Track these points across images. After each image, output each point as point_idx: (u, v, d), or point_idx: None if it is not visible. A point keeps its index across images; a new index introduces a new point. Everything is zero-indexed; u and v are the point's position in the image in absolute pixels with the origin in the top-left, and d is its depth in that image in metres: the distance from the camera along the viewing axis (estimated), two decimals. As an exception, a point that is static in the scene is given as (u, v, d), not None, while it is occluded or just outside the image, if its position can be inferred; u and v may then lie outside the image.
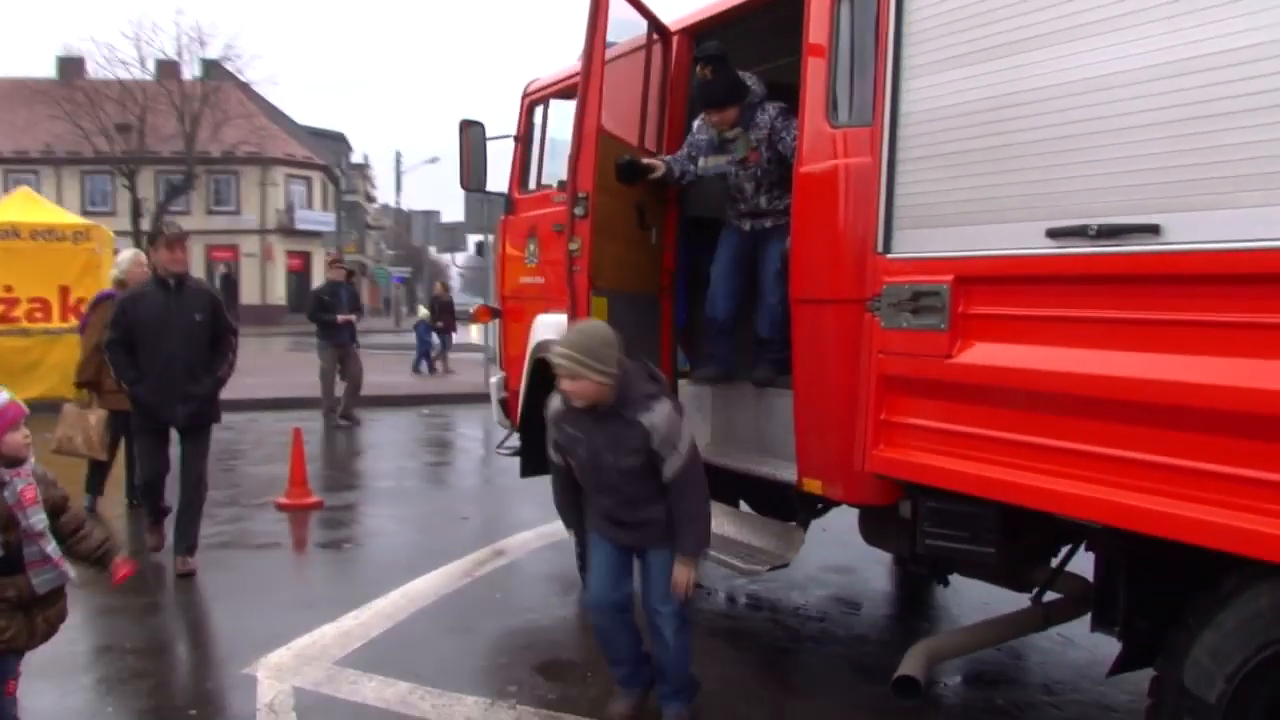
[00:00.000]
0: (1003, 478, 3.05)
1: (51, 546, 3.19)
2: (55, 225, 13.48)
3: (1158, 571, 2.87)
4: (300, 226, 43.66)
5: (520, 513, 7.69)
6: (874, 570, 6.27)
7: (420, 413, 14.88)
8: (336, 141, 53.70)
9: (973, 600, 5.45)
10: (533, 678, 4.45)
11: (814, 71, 4.01)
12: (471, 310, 10.11)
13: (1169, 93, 2.61)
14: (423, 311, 21.56)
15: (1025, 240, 2.97)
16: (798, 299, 4.02)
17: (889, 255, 3.43)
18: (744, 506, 5.30)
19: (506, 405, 6.88)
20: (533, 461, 6.41)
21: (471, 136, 6.53)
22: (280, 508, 7.81)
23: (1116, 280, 2.76)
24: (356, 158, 61.17)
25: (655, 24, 4.88)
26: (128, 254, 7.69)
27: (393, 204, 53.96)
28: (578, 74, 6.06)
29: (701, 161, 4.88)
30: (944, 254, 3.24)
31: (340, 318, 12.71)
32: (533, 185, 6.65)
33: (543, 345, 5.90)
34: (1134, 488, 2.72)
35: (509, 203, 6.75)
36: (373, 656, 4.68)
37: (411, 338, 22.80)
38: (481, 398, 13.44)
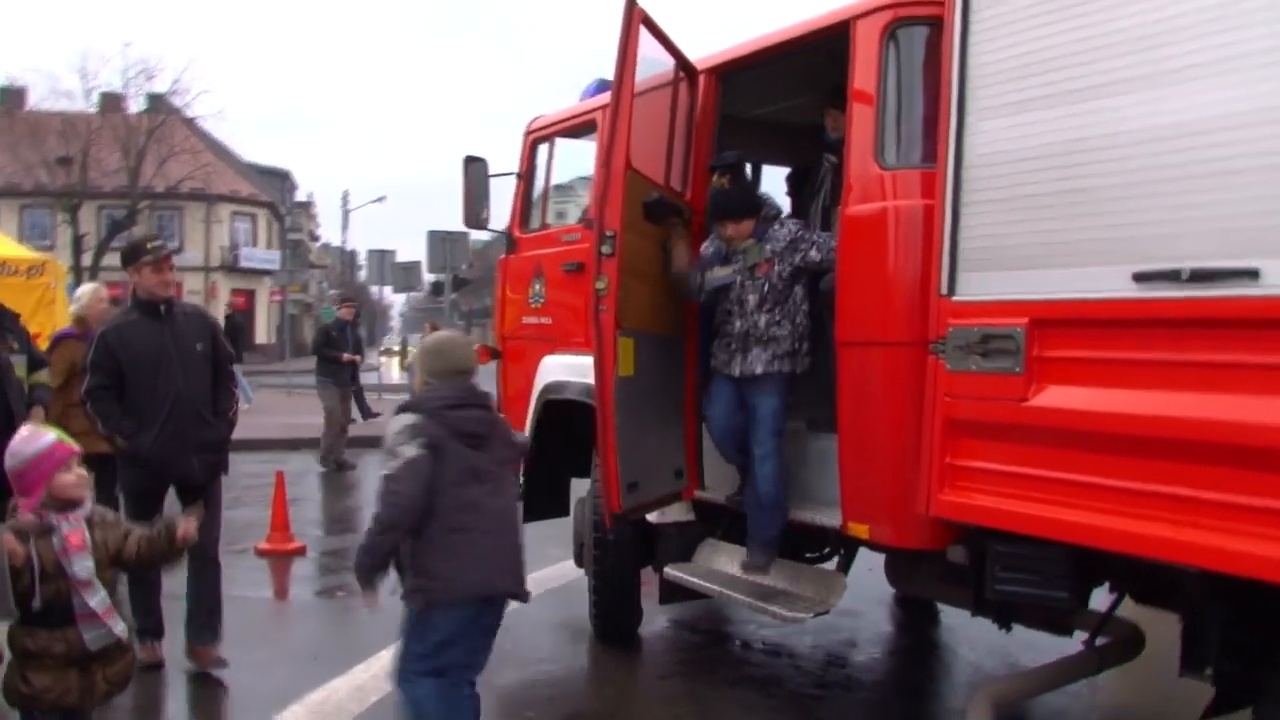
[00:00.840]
0: (1087, 521, 3.02)
1: (97, 599, 2.96)
2: (6, 259, 13.03)
3: (1249, 614, 2.85)
4: (245, 264, 42.93)
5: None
6: (878, 613, 6.22)
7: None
8: (281, 179, 53.08)
9: (976, 640, 5.41)
10: (564, 730, 4.30)
11: (861, 114, 4.00)
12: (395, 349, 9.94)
13: (1266, 139, 2.63)
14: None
15: (1108, 284, 2.97)
16: (844, 341, 3.98)
17: (955, 298, 3.41)
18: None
19: (505, 447, 6.72)
20: (537, 505, 6.30)
21: (474, 173, 6.43)
22: (260, 553, 7.55)
23: (1212, 324, 2.75)
24: (301, 195, 60.59)
25: (682, 62, 4.85)
26: (88, 288, 7.15)
27: (336, 243, 53.45)
28: (584, 112, 6.11)
29: (707, 273, 4.66)
30: (1017, 296, 3.22)
31: (346, 357, 12.46)
32: (536, 224, 6.57)
33: (552, 387, 5.81)
34: (1228, 530, 2.70)
35: (510, 242, 6.64)
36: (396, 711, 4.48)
37: (375, 378, 22.37)
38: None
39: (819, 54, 4.71)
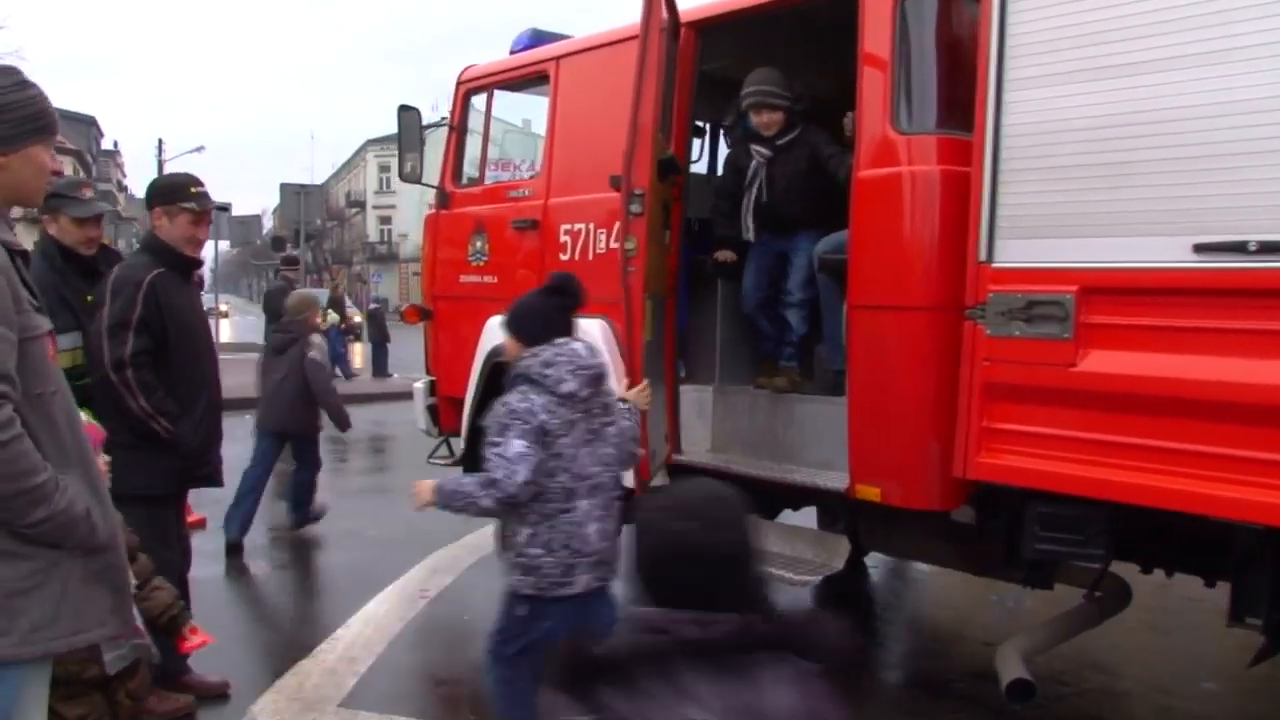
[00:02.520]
0: (1141, 482, 3.15)
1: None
2: None
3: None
4: (46, 213, 39.63)
5: (435, 525, 7.28)
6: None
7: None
8: (87, 125, 49.14)
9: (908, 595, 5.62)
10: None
11: (872, 78, 3.98)
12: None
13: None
14: (332, 316, 18.96)
15: (1165, 254, 3.08)
16: (858, 305, 3.99)
17: (995, 264, 3.46)
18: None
19: (435, 412, 6.49)
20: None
21: (405, 123, 6.11)
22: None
23: (1275, 294, 2.89)
24: (107, 144, 56.32)
25: (675, 16, 4.71)
26: None
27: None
28: (530, 64, 5.88)
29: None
30: (1065, 264, 3.30)
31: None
32: (475, 177, 6.30)
33: (500, 350, 5.61)
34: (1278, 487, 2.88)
35: (442, 196, 6.36)
36: (376, 695, 4.29)
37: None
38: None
39: (807, 15, 4.69)
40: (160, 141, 32.91)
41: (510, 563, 3.23)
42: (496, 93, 6.20)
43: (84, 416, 2.66)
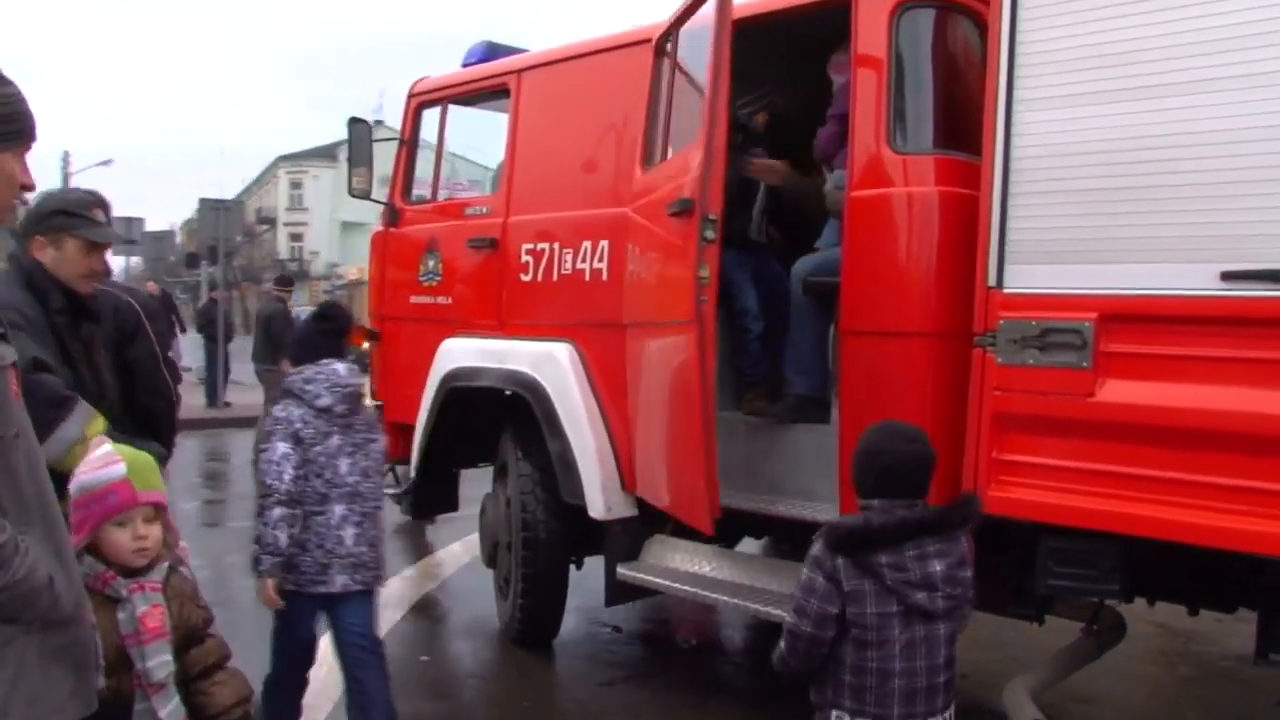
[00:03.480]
0: (1162, 515, 3.05)
1: (169, 709, 2.22)
2: None
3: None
4: (-65, 225, 37.77)
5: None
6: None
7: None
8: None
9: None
10: None
11: (866, 95, 3.85)
12: None
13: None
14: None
15: (1192, 281, 2.99)
16: (851, 330, 3.85)
17: (1006, 290, 3.35)
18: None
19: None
20: (428, 500, 5.84)
21: (355, 136, 5.83)
22: None
23: (1308, 324, 2.82)
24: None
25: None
26: None
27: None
28: (488, 77, 5.65)
29: None
30: (1083, 291, 3.20)
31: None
32: (428, 195, 6.03)
33: (460, 373, 5.35)
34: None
35: (392, 213, 6.07)
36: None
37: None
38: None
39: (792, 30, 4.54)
40: (66, 154, 31.44)
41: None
42: (450, 107, 5.95)
43: (117, 469, 2.29)
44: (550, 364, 4.88)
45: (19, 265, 3.03)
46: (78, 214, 3.06)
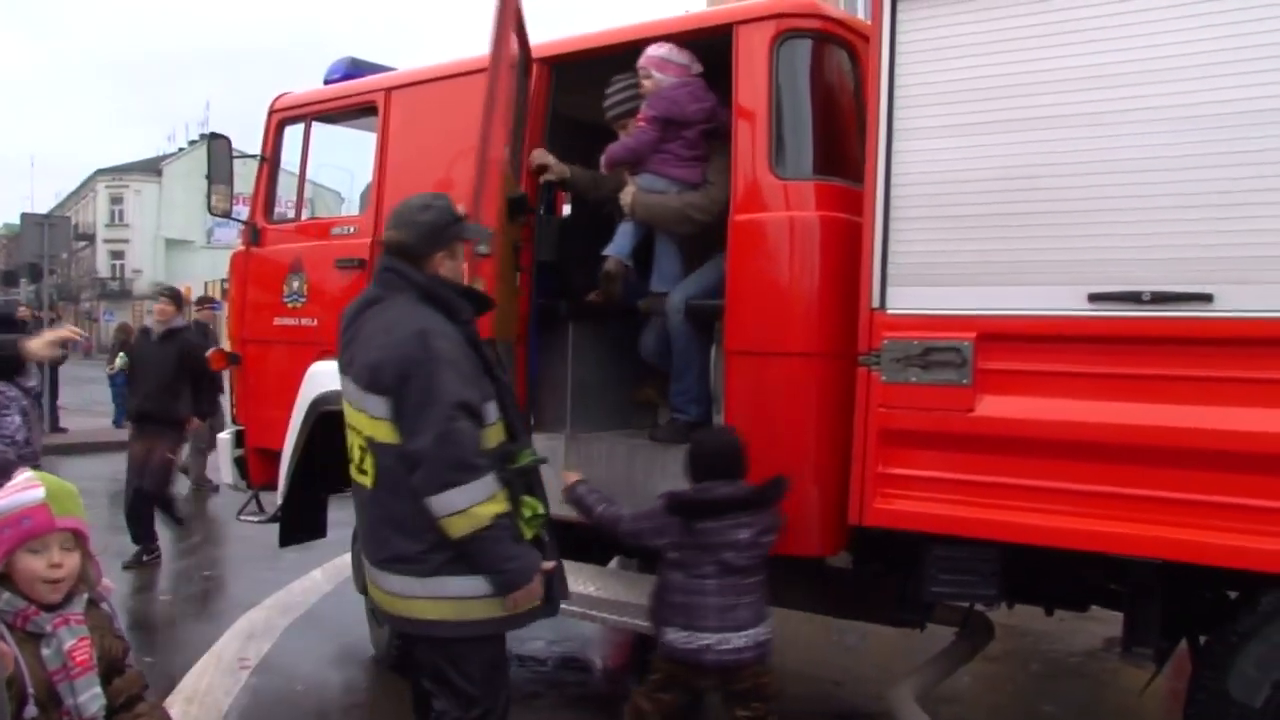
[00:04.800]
0: (1040, 522, 3.24)
1: None
2: None
3: (1182, 598, 3.22)
4: None
5: (237, 586, 6.66)
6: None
7: None
8: None
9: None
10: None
11: (748, 123, 3.95)
12: None
13: (1219, 179, 2.97)
14: (121, 360, 16.79)
15: (1062, 302, 3.20)
16: (736, 350, 3.93)
17: (889, 310, 3.50)
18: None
19: (244, 464, 5.92)
20: (296, 528, 5.63)
21: (215, 152, 5.60)
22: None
23: (1166, 342, 3.05)
24: None
25: (528, 51, 4.53)
26: None
27: None
28: (354, 94, 5.53)
29: None
30: (962, 311, 3.37)
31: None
32: (290, 214, 5.84)
33: (330, 397, 5.18)
34: (1173, 523, 3.05)
35: (253, 233, 5.84)
36: None
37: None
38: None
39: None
40: None
41: None
42: (314, 124, 5.78)
43: (44, 493, 2.14)
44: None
45: None
46: None
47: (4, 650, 1.92)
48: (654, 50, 4.31)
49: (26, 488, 2.15)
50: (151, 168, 55.51)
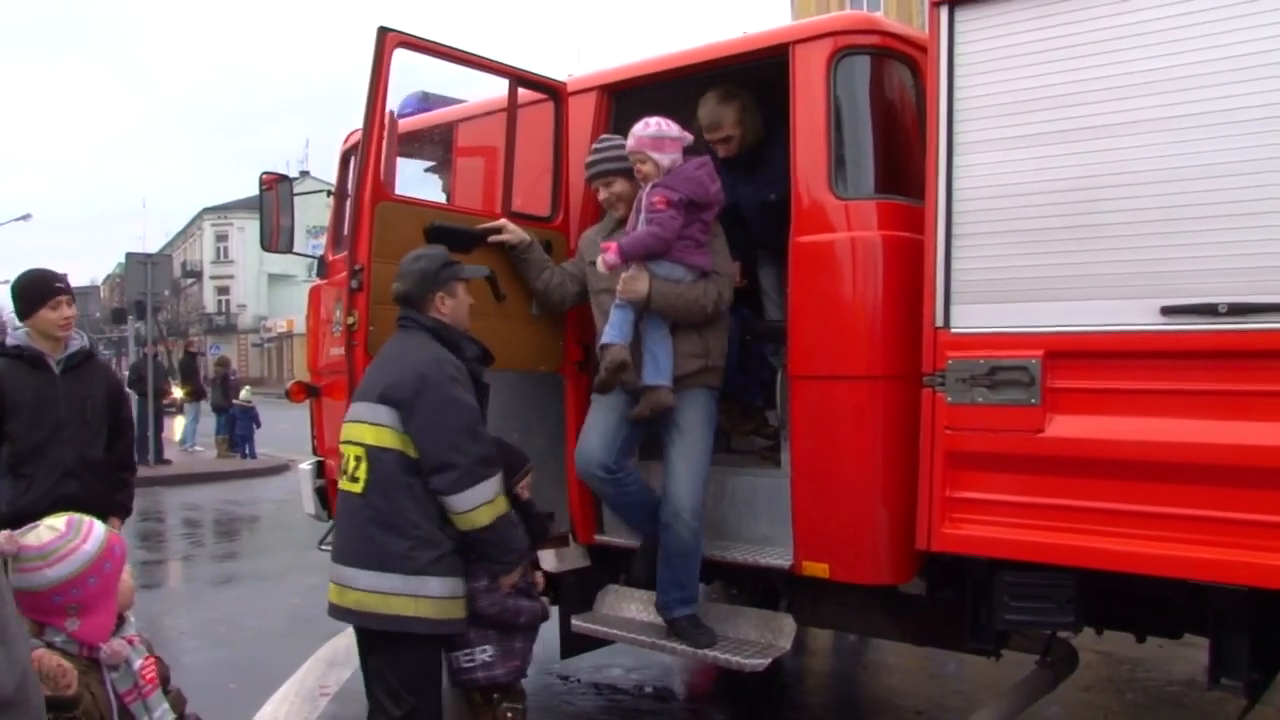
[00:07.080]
0: (1115, 547, 3.10)
1: None
2: None
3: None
4: None
5: (320, 615, 6.75)
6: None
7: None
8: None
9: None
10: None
11: (808, 143, 3.89)
12: None
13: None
14: (246, 392, 18.30)
15: (1133, 317, 3.06)
16: (800, 375, 3.86)
17: (953, 329, 3.39)
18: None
19: (325, 495, 6.01)
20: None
21: (279, 193, 5.76)
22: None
23: (1246, 356, 2.89)
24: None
25: (529, 82, 4.48)
26: None
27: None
28: (415, 129, 5.61)
29: None
30: (1028, 329, 3.25)
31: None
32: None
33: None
34: (1257, 547, 2.88)
35: (321, 265, 5.99)
36: None
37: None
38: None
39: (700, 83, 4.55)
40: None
41: None
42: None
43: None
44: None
45: None
46: None
47: (61, 667, 1.93)
48: (641, 131, 4.07)
49: (87, 524, 2.24)
50: (254, 205, 57.36)
